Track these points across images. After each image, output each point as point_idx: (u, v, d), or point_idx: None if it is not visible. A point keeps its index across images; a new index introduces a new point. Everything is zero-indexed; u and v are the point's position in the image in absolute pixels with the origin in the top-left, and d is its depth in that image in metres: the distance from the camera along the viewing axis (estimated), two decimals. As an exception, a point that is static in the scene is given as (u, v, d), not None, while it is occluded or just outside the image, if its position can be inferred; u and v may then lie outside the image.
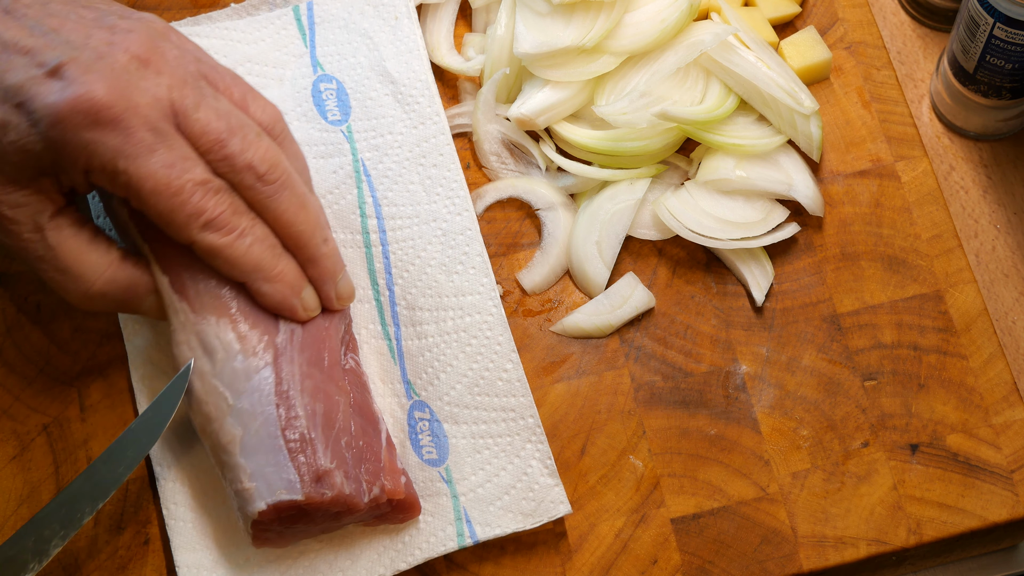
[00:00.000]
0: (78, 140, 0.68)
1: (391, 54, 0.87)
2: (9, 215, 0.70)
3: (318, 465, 0.72)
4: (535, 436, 0.78)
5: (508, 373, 0.79)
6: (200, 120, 0.71)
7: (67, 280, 0.72)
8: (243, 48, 0.88)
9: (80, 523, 0.72)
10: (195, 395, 0.73)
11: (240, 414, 0.72)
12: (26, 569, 0.71)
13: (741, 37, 0.84)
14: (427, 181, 0.84)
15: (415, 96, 0.85)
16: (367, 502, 0.73)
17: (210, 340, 0.73)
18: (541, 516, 0.76)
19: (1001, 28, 0.79)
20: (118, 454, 0.73)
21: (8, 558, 0.71)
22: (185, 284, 0.74)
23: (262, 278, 0.74)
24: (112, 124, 0.68)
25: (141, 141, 0.69)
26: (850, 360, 0.81)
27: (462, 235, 0.82)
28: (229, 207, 0.72)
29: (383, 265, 0.82)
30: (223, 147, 0.71)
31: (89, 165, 0.69)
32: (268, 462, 0.71)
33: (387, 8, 0.88)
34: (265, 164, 0.72)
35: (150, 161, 0.69)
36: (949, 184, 0.89)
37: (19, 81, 0.68)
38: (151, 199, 0.70)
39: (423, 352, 0.80)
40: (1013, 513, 0.77)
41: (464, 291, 0.81)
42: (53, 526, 0.72)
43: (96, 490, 0.73)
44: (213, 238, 0.71)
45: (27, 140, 0.68)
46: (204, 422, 0.73)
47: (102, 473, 0.73)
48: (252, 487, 0.71)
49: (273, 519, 0.71)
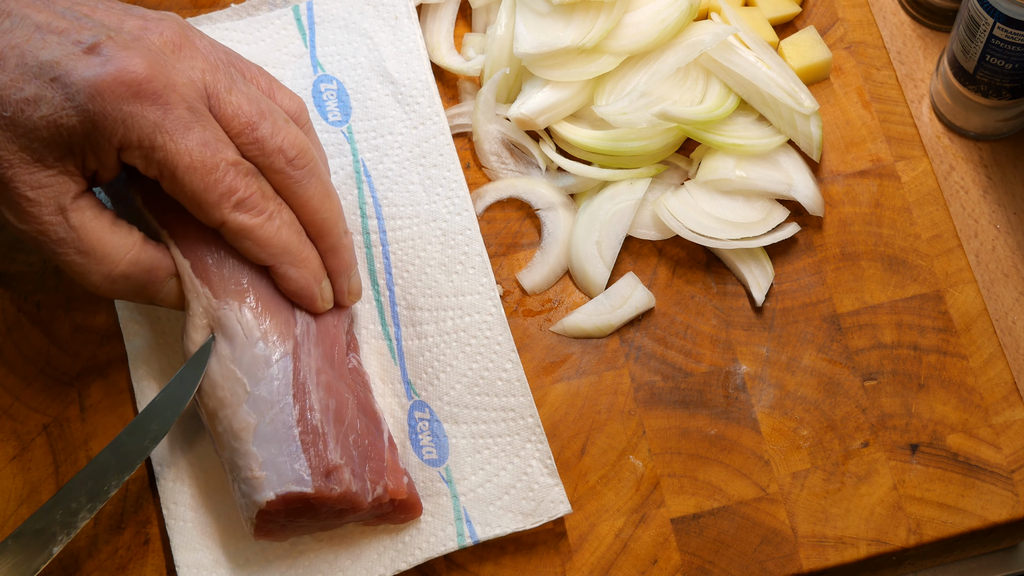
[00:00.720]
0: (118, 113, 0.68)
1: (391, 54, 0.87)
2: (31, 196, 0.69)
3: (328, 460, 0.71)
4: (535, 436, 0.78)
5: (508, 373, 0.79)
6: (232, 103, 0.72)
7: (90, 262, 0.72)
8: (243, 48, 0.88)
9: (107, 495, 0.72)
10: (211, 377, 0.73)
11: (257, 402, 0.72)
12: (54, 541, 0.72)
13: (741, 37, 0.84)
14: (427, 181, 0.84)
15: (415, 96, 0.85)
16: (371, 501, 0.73)
17: (231, 324, 0.73)
18: (541, 516, 0.76)
19: (1001, 28, 0.79)
20: (143, 427, 0.74)
21: (36, 530, 0.71)
22: (208, 268, 0.74)
23: (289, 261, 0.74)
24: (152, 98, 0.68)
25: (179, 118, 0.69)
26: (850, 360, 0.81)
27: (462, 235, 0.82)
28: (258, 189, 0.72)
29: (383, 265, 0.82)
30: (254, 130, 0.72)
31: (125, 140, 0.69)
32: (280, 452, 0.71)
33: (387, 8, 0.88)
34: (294, 149, 0.73)
35: (188, 137, 0.69)
36: (949, 184, 0.89)
37: (55, 57, 0.68)
38: (186, 176, 0.70)
39: (423, 352, 0.80)
40: (1013, 513, 0.77)
41: (464, 291, 0.81)
42: (80, 498, 0.72)
43: (122, 462, 0.73)
44: (244, 218, 0.72)
45: (61, 114, 0.68)
46: (217, 406, 0.73)
47: (128, 446, 0.73)
48: (262, 476, 0.71)
49: (280, 510, 0.71)
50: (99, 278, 0.72)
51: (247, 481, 0.71)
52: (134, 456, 0.73)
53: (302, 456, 0.71)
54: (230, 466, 0.73)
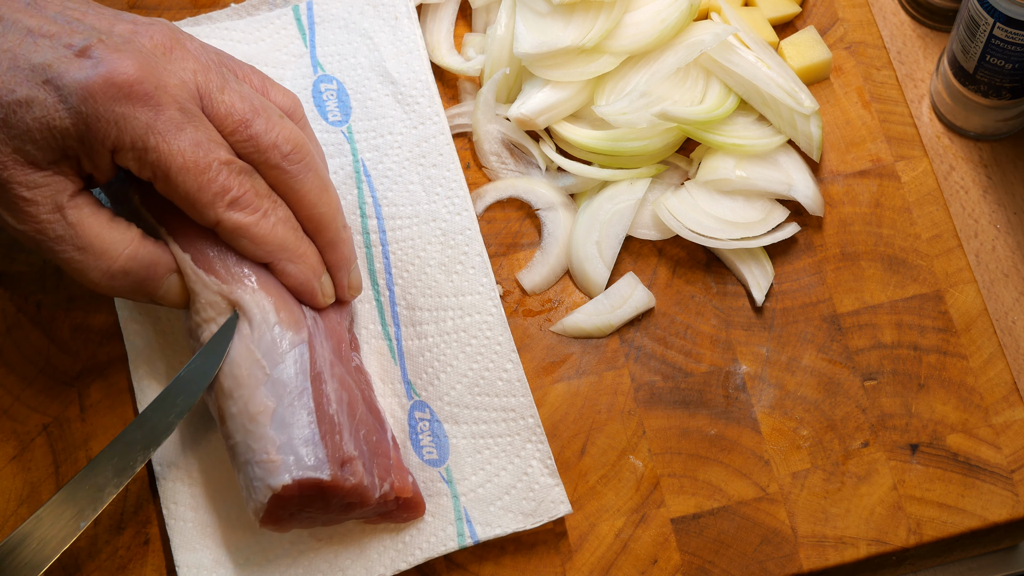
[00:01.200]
0: (110, 114, 0.68)
1: (391, 54, 0.87)
2: (27, 196, 0.70)
3: (344, 451, 0.71)
4: (535, 436, 0.78)
5: (508, 373, 0.79)
6: (225, 102, 0.72)
7: (88, 258, 0.72)
8: (243, 48, 0.88)
9: (134, 470, 0.73)
10: (231, 356, 0.73)
11: (275, 385, 0.71)
12: (81, 516, 0.72)
13: (741, 37, 0.84)
14: (427, 181, 0.84)
15: (415, 96, 0.85)
16: (378, 497, 0.73)
17: (248, 305, 0.73)
18: (541, 516, 0.76)
19: (1001, 28, 0.79)
20: (169, 401, 0.74)
21: (65, 502, 0.72)
22: (210, 261, 0.74)
23: (287, 258, 0.74)
24: (144, 99, 0.69)
25: (171, 119, 0.69)
26: (850, 360, 0.81)
27: (461, 235, 0.82)
28: (252, 188, 0.72)
29: (383, 265, 0.82)
30: (248, 127, 0.72)
31: (118, 142, 0.69)
32: (298, 437, 0.71)
33: (387, 8, 0.88)
34: (289, 144, 0.73)
35: (180, 138, 0.70)
36: (949, 184, 0.89)
37: (47, 60, 0.68)
38: (179, 176, 0.70)
39: (423, 352, 0.80)
40: (1013, 513, 0.77)
41: (464, 291, 0.81)
42: (107, 473, 0.73)
43: (148, 437, 0.73)
44: (239, 216, 0.72)
45: (54, 116, 0.68)
46: (234, 386, 0.72)
47: (153, 421, 0.74)
48: (279, 460, 0.70)
49: (294, 496, 0.71)
50: (98, 274, 0.72)
51: (262, 464, 0.71)
52: (160, 431, 0.73)
53: (320, 443, 0.71)
54: (242, 449, 0.72)
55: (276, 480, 0.70)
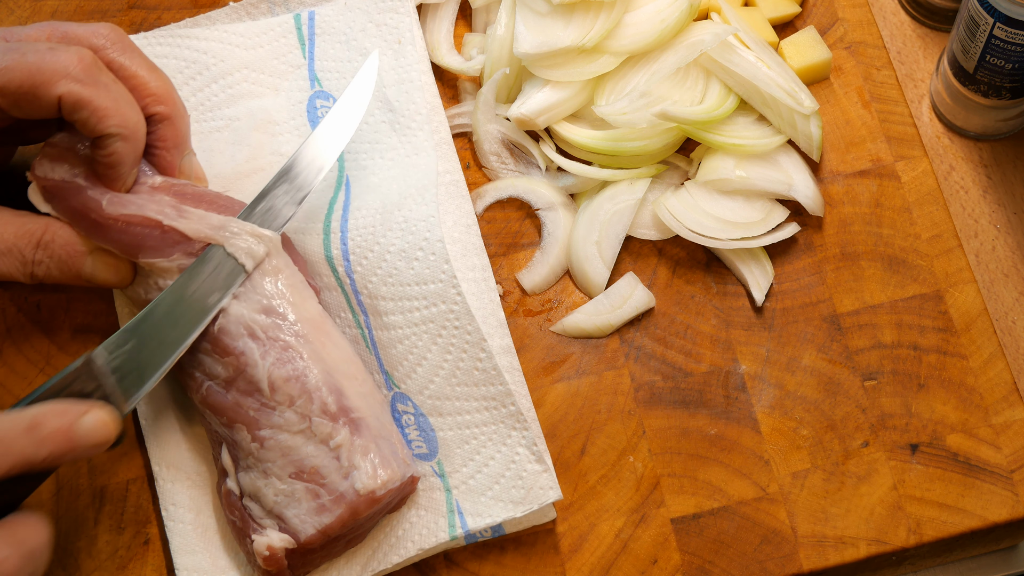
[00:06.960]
0: None
1: (392, 81, 0.85)
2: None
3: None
4: (519, 423, 0.77)
5: (483, 362, 0.77)
6: None
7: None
8: (241, 53, 0.87)
9: (305, 198, 0.78)
10: None
11: None
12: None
13: (741, 37, 0.84)
14: (403, 180, 0.82)
15: (413, 129, 0.84)
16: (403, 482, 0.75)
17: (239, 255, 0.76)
18: (531, 503, 0.76)
19: (1001, 28, 0.79)
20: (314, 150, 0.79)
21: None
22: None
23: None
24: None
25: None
26: (850, 360, 0.81)
27: (424, 221, 0.79)
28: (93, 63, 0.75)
29: (340, 252, 0.80)
30: None
31: None
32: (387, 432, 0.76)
33: (390, 30, 0.86)
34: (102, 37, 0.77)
35: None
36: (949, 184, 0.89)
37: None
38: None
39: (395, 344, 0.79)
40: (1013, 513, 0.77)
41: (425, 279, 0.79)
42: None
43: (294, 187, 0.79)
44: (78, 88, 0.73)
45: None
46: None
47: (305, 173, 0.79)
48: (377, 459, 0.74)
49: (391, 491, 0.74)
50: None
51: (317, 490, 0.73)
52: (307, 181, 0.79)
53: None
54: None
55: None
